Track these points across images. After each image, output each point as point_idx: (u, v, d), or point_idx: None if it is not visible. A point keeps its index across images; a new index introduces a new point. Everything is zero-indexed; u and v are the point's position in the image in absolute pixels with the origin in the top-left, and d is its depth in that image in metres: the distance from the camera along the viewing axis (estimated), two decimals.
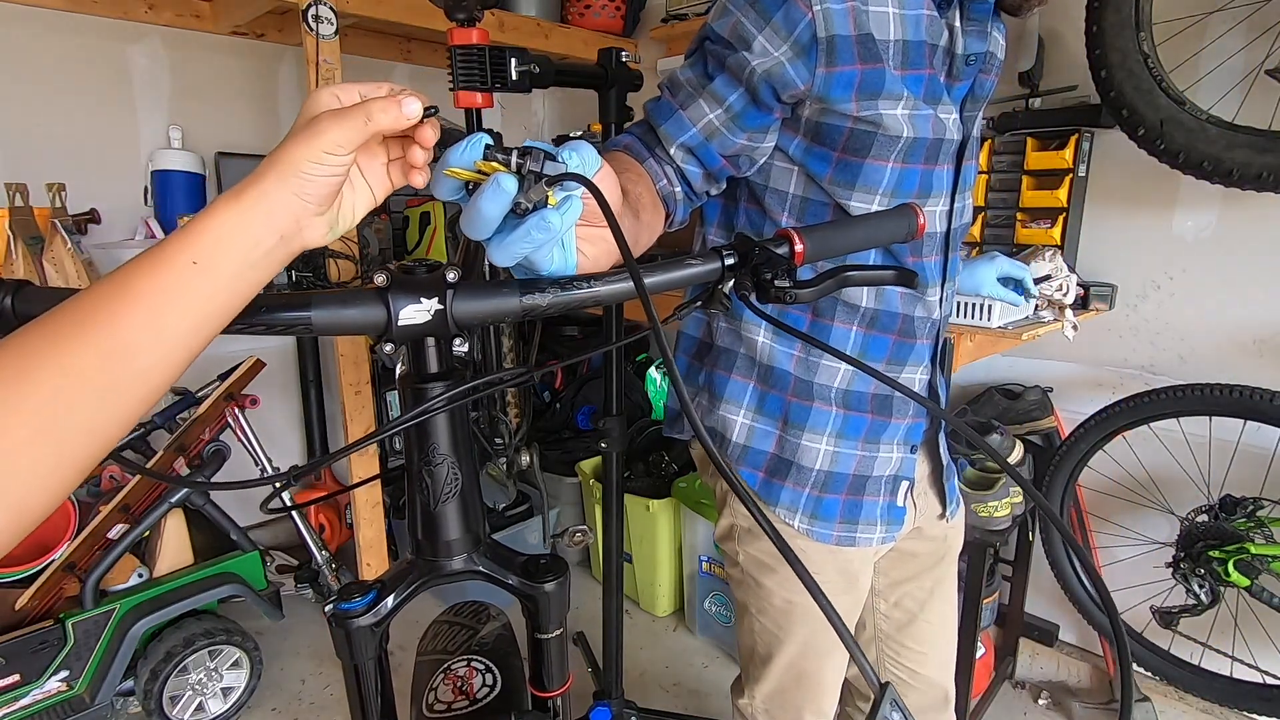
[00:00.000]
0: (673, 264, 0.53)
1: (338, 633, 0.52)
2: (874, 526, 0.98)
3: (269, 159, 0.45)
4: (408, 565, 0.54)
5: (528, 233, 0.47)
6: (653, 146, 0.83)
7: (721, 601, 2.16)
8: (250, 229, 0.43)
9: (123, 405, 0.40)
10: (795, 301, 0.53)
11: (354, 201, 0.52)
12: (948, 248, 0.93)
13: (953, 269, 0.95)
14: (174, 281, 0.40)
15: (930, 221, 0.89)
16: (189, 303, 0.41)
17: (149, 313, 0.40)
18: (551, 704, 0.59)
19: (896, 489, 0.99)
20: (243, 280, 0.43)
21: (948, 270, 0.94)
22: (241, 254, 0.43)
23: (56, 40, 2.08)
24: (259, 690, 2.00)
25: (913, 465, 1.00)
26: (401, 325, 0.46)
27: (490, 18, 2.22)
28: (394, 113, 0.47)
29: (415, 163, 0.52)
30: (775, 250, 0.54)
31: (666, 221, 0.83)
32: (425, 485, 0.52)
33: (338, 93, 0.49)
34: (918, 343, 0.94)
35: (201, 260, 0.41)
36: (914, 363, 0.96)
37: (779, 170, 0.88)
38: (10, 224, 1.72)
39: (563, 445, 2.65)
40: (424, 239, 2.41)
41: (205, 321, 0.42)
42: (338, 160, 0.45)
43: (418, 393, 0.50)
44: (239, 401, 2.00)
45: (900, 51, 0.79)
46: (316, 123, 0.45)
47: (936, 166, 0.86)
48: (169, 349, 0.40)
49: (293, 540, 2.42)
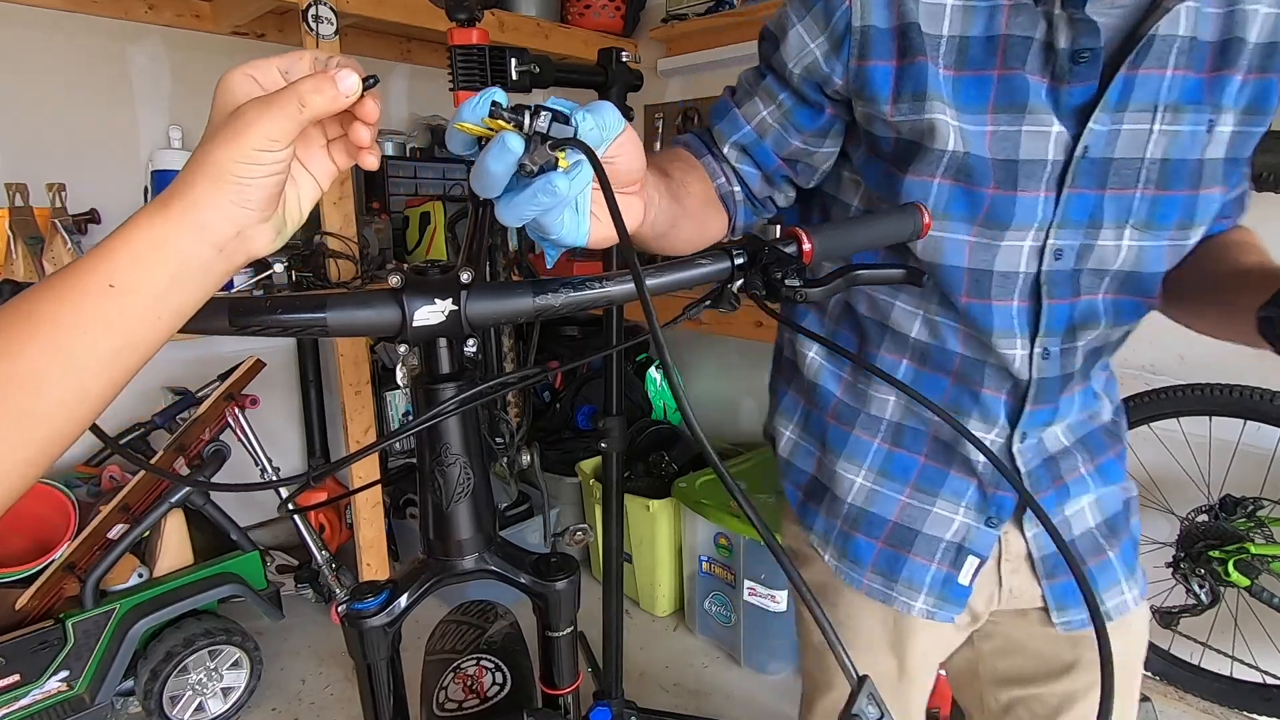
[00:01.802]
0: (682, 263, 0.53)
1: (351, 633, 0.52)
2: (917, 594, 0.82)
3: (194, 160, 0.40)
4: (420, 565, 0.54)
5: (534, 195, 0.45)
6: (710, 145, 0.80)
7: (721, 601, 2.17)
8: (178, 245, 0.38)
9: (32, 439, 0.35)
10: (804, 300, 0.53)
11: (299, 196, 0.46)
12: (1039, 294, 0.72)
13: (1056, 320, 0.74)
14: (85, 308, 0.36)
15: (1004, 258, 0.71)
16: (104, 329, 0.36)
17: (53, 342, 0.35)
18: (562, 701, 0.60)
19: (960, 562, 0.81)
20: (172, 300, 0.39)
21: (1043, 321, 0.73)
22: (168, 273, 0.38)
23: (56, 40, 2.08)
24: (259, 690, 2.00)
25: (989, 541, 0.81)
26: (416, 326, 0.46)
27: (490, 18, 2.22)
28: (329, 92, 0.40)
29: (361, 142, 0.46)
30: (784, 249, 0.54)
31: (729, 225, 0.80)
32: (437, 485, 0.52)
33: (253, 73, 0.42)
34: (983, 392, 0.78)
35: (119, 282, 0.37)
36: (981, 416, 0.79)
37: (846, 181, 0.82)
38: (10, 224, 1.72)
39: (563, 445, 2.65)
40: (424, 239, 2.41)
41: (130, 346, 0.38)
42: (274, 157, 0.39)
43: (430, 393, 0.50)
44: (239, 401, 2.00)
45: (955, 48, 0.67)
46: (241, 115, 0.39)
47: (1018, 192, 0.68)
48: (87, 378, 0.36)
49: (293, 540, 2.42)
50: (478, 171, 0.46)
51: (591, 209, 0.52)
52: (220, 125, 0.40)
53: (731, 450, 2.60)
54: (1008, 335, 0.73)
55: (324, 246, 1.98)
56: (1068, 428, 0.82)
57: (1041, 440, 0.80)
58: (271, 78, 0.42)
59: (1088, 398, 0.84)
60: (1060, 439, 0.82)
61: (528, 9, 2.47)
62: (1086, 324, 0.75)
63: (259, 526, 2.52)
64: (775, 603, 2.01)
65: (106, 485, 2.04)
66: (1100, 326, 0.75)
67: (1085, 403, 0.83)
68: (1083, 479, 0.83)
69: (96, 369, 0.37)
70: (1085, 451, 0.83)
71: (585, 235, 0.51)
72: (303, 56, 0.43)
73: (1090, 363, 0.79)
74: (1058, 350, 0.75)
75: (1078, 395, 0.81)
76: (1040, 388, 0.76)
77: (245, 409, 2.03)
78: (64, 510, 1.85)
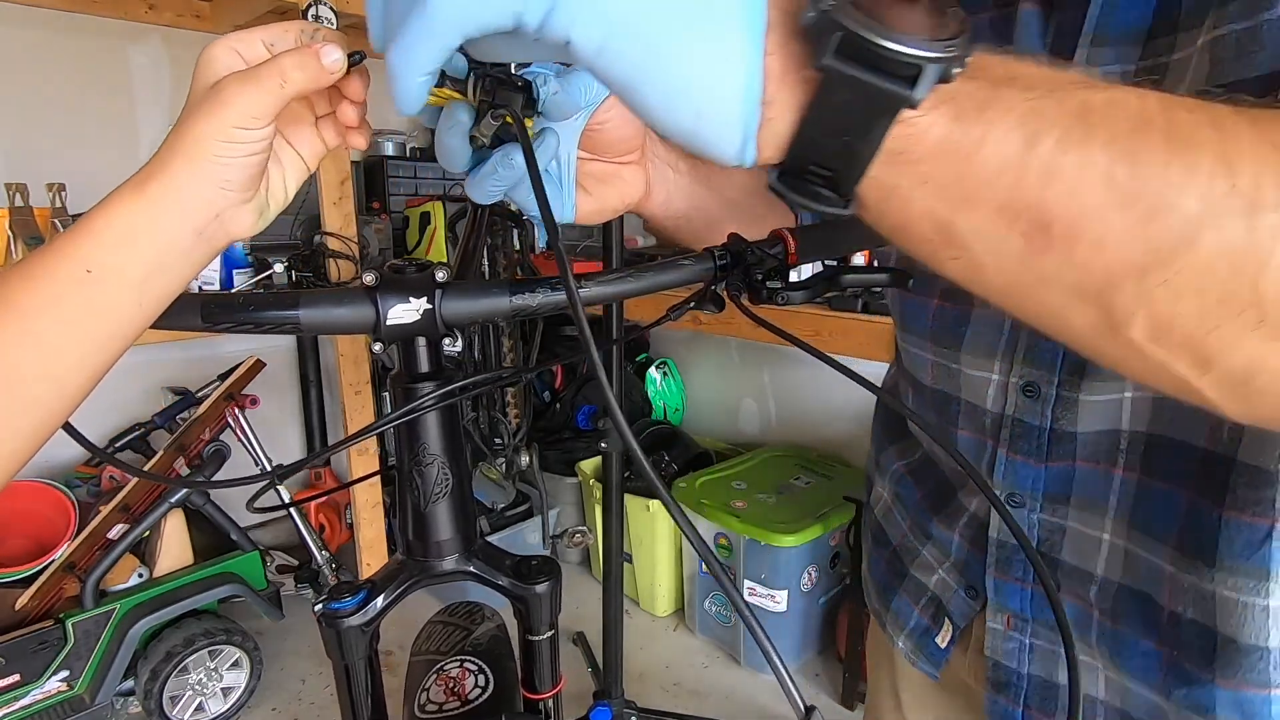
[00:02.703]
0: (665, 265, 0.52)
1: (328, 632, 0.52)
2: (899, 633, 0.73)
3: (172, 137, 0.37)
4: (398, 565, 0.54)
5: (493, 169, 0.43)
6: None
7: (721, 601, 2.16)
8: (160, 228, 0.36)
9: (7, 431, 0.33)
10: (787, 303, 0.53)
11: (283, 177, 0.44)
12: (999, 434, 0.58)
13: (1020, 477, 0.57)
14: (61, 294, 0.34)
15: (968, 387, 0.60)
16: (81, 318, 0.35)
17: (25, 331, 0.33)
18: (543, 706, 0.59)
19: (939, 621, 0.69)
20: (153, 286, 0.37)
21: (1000, 465, 0.58)
22: (150, 258, 0.36)
23: (56, 40, 2.08)
24: (259, 690, 2.00)
25: (966, 612, 0.66)
26: (390, 324, 0.46)
27: None
28: (312, 68, 0.38)
29: (349, 122, 0.44)
30: (769, 250, 0.54)
31: (796, 221, 0.75)
32: (416, 485, 0.52)
33: (236, 46, 0.39)
34: (958, 494, 0.66)
35: (97, 268, 0.35)
36: (949, 516, 0.66)
37: None
38: (10, 224, 1.72)
39: (563, 445, 2.65)
40: (424, 239, 2.41)
41: (109, 335, 0.36)
42: (254, 135, 0.37)
43: (407, 392, 0.50)
44: (239, 401, 2.00)
45: None
46: (220, 90, 0.37)
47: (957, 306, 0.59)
48: (62, 370, 0.35)
49: (293, 540, 2.43)
50: (437, 146, 0.44)
51: (580, 181, 0.49)
52: (199, 100, 0.37)
53: (731, 450, 2.59)
54: (981, 466, 0.61)
55: (324, 246, 1.98)
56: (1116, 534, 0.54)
57: (1047, 523, 0.58)
58: (255, 51, 0.40)
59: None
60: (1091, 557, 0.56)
61: None
62: (1034, 484, 0.58)
63: (259, 527, 2.53)
64: (775, 603, 2.00)
65: (106, 485, 2.04)
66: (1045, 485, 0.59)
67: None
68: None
69: (74, 360, 0.35)
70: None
71: (571, 211, 0.49)
72: (288, 29, 0.40)
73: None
74: (1032, 508, 0.57)
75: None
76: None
77: (245, 409, 2.03)
78: (64, 510, 1.85)
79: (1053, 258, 0.29)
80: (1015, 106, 0.29)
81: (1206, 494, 0.48)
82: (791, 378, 2.61)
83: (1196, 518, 0.49)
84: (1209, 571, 0.48)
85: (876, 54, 0.27)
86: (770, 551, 1.95)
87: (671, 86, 0.29)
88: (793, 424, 2.63)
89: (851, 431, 2.44)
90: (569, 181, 0.48)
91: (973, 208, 0.30)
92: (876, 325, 1.59)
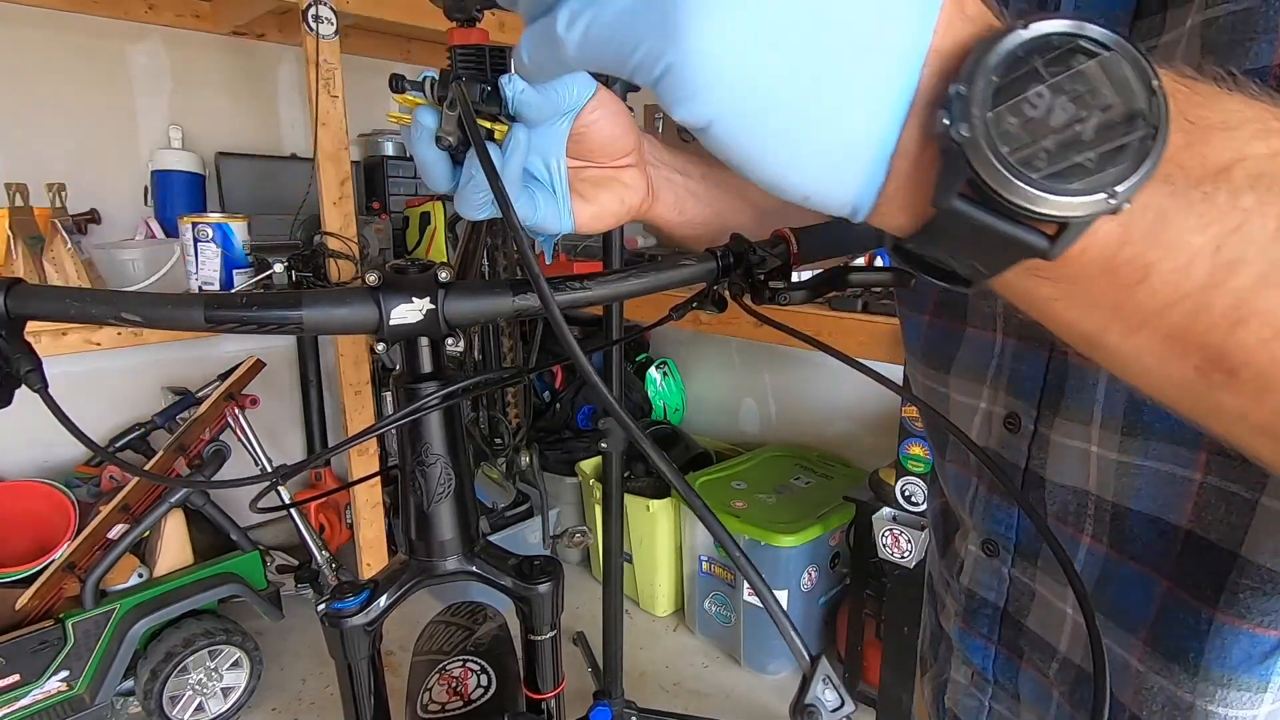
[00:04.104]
0: (666, 264, 0.52)
1: (330, 632, 0.52)
2: (924, 677, 0.68)
3: None
4: (401, 565, 0.54)
5: (470, 176, 0.41)
6: None
7: (721, 601, 2.16)
8: None
9: None
10: (790, 303, 0.53)
11: None
12: (981, 470, 0.54)
13: (996, 521, 0.53)
14: None
15: (955, 415, 0.54)
16: None
17: None
18: (545, 706, 0.59)
19: (947, 664, 0.62)
20: None
21: (979, 505, 0.54)
22: None
23: (56, 40, 2.08)
24: (259, 690, 2.00)
25: (946, 662, 0.61)
26: (393, 325, 0.46)
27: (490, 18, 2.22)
28: None
29: None
30: (771, 251, 0.54)
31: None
32: (418, 485, 0.52)
33: None
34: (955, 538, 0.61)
35: None
36: (949, 561, 0.61)
37: None
38: (10, 224, 1.72)
39: (563, 445, 2.65)
40: (424, 239, 2.41)
41: None
42: None
43: (409, 393, 0.50)
44: (239, 401, 2.00)
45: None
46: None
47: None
48: None
49: (293, 540, 2.43)
50: (417, 167, 0.42)
51: (576, 189, 0.48)
52: None
53: (731, 450, 2.59)
54: (976, 531, 0.55)
55: (324, 246, 1.98)
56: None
57: (1019, 581, 0.52)
58: None
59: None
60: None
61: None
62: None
63: (259, 526, 2.53)
64: None
65: (106, 485, 2.04)
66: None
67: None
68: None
69: None
70: None
71: (569, 219, 0.47)
72: None
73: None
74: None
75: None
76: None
77: (245, 409, 2.03)
78: (64, 510, 1.85)
79: (1234, 397, 0.24)
80: (1206, 224, 0.22)
81: (1190, 588, 0.41)
82: (791, 378, 2.61)
83: (1175, 614, 0.42)
84: (1188, 680, 0.41)
85: (1009, 207, 0.22)
86: (770, 551, 1.95)
87: (782, 168, 0.25)
88: (793, 424, 2.63)
89: (852, 431, 2.44)
90: (562, 188, 0.46)
91: (1131, 330, 0.25)
92: (877, 325, 1.59)
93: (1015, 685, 0.54)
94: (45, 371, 0.47)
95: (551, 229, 0.48)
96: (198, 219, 1.78)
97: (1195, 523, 0.40)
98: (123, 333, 1.62)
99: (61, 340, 1.57)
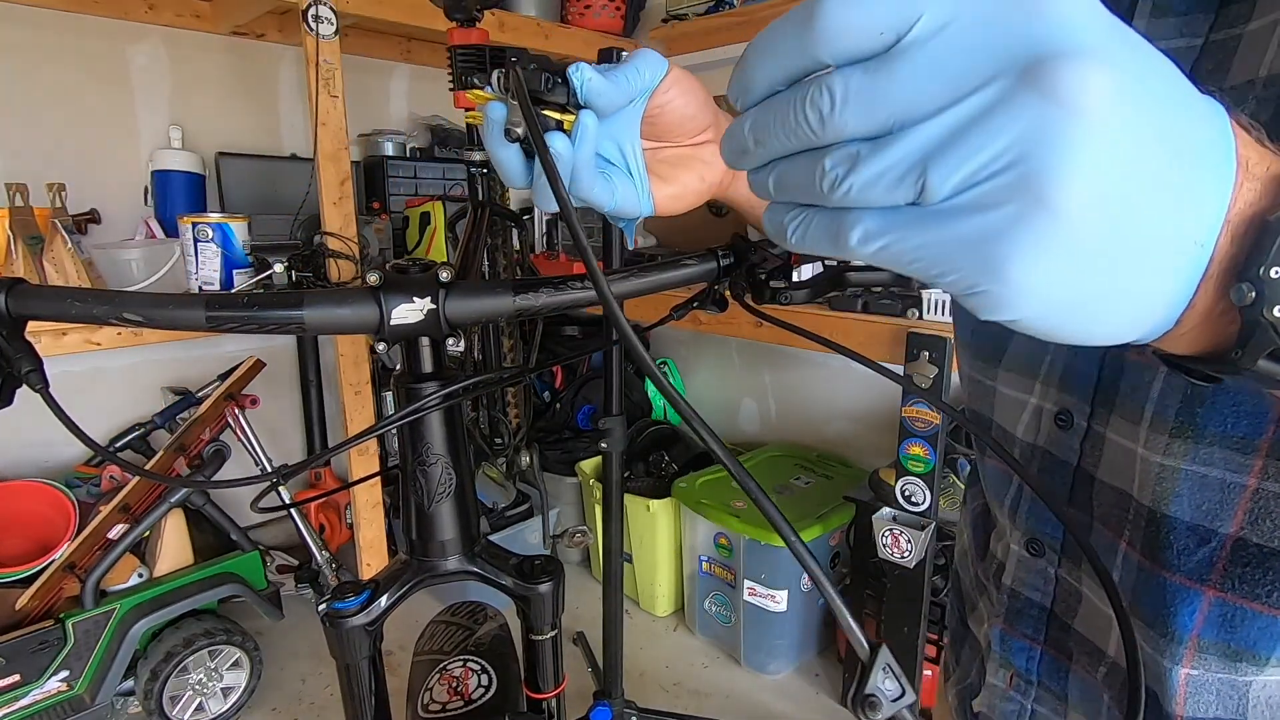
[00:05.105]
0: (667, 264, 0.53)
1: (331, 632, 0.52)
2: (948, 680, 0.68)
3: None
4: (402, 565, 0.54)
5: (541, 170, 0.40)
6: None
7: (721, 601, 2.16)
8: None
9: None
10: (790, 302, 0.53)
11: None
12: (1027, 468, 0.52)
13: (1042, 521, 0.52)
14: None
15: (1001, 410, 0.54)
16: None
17: None
18: (546, 706, 0.59)
19: (971, 668, 0.62)
20: None
21: (1024, 504, 0.53)
22: None
23: (56, 40, 2.08)
24: (259, 690, 2.00)
25: (971, 666, 0.61)
26: (394, 325, 0.46)
27: (490, 18, 2.22)
28: None
29: None
30: (772, 250, 0.54)
31: None
32: (419, 485, 0.52)
33: None
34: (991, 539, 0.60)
35: None
36: (987, 563, 0.60)
37: None
38: (10, 224, 1.72)
39: (563, 445, 2.65)
40: (424, 239, 2.40)
41: None
42: None
43: (411, 393, 0.50)
44: (239, 401, 2.00)
45: None
46: None
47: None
48: None
49: (293, 540, 2.43)
50: (495, 167, 0.42)
51: (654, 170, 0.47)
52: None
53: (731, 450, 2.59)
54: (1012, 527, 0.55)
55: (324, 246, 1.98)
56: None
57: (1065, 583, 0.51)
58: None
59: None
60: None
61: (528, 9, 2.46)
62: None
63: (259, 526, 2.53)
64: (775, 603, 2.00)
65: (106, 485, 2.04)
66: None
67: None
68: None
69: None
70: None
71: (648, 202, 0.47)
72: None
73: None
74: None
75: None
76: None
77: (245, 409, 2.03)
78: (64, 510, 1.85)
79: None
80: None
81: (1246, 595, 0.40)
82: (791, 378, 2.61)
83: (1229, 620, 0.41)
84: (1255, 671, 0.41)
85: None
86: (770, 551, 1.95)
87: (1079, 336, 0.25)
88: (793, 424, 2.63)
89: (852, 431, 2.44)
90: (639, 171, 0.45)
91: None
92: (877, 325, 1.59)
93: (1064, 687, 0.53)
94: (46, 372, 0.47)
95: (631, 212, 0.47)
96: (198, 219, 1.78)
97: (1250, 529, 0.39)
98: (122, 333, 1.61)
99: (61, 340, 1.57)
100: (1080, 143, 0.21)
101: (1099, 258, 0.23)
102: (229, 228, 1.81)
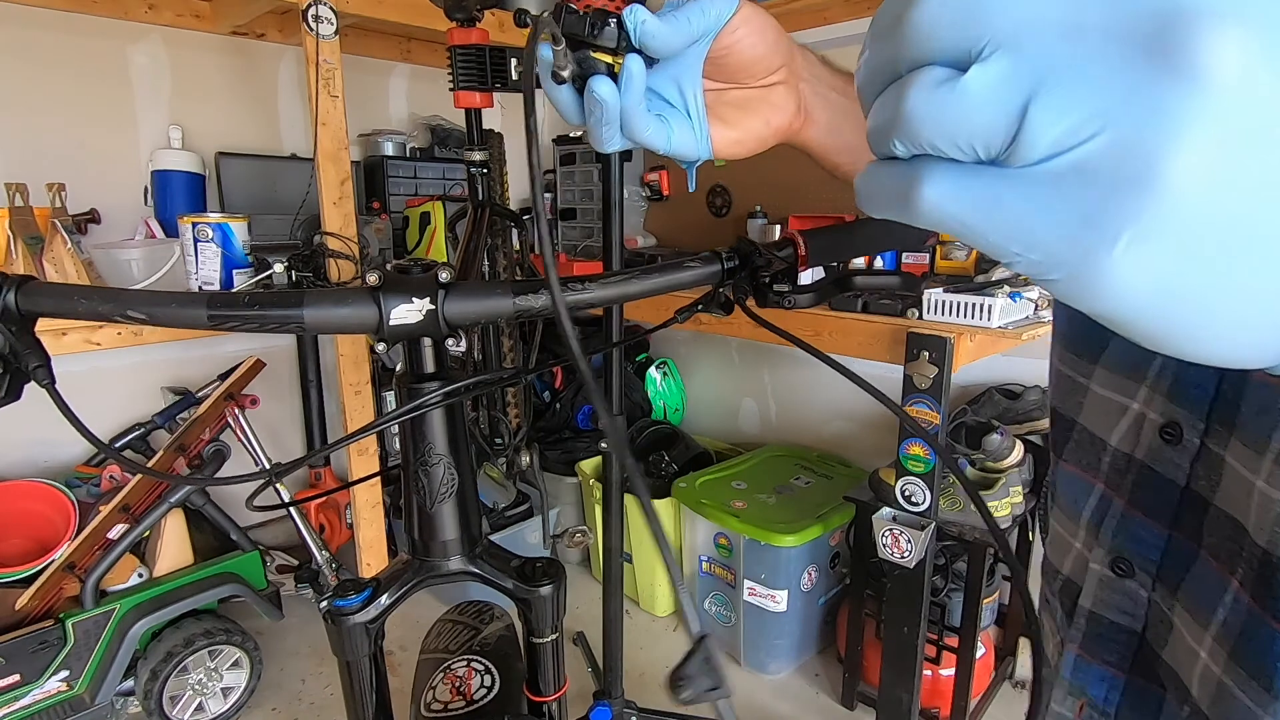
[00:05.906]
0: (670, 266, 0.52)
1: (333, 630, 0.52)
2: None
3: None
4: (404, 564, 0.54)
5: (590, 111, 0.39)
6: None
7: (721, 601, 2.16)
8: None
9: None
10: (794, 306, 0.53)
11: None
12: (1121, 481, 0.47)
13: (1137, 539, 0.46)
14: None
15: (1092, 412, 0.49)
16: None
17: None
18: (547, 708, 0.59)
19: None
20: None
21: (1112, 520, 0.47)
22: None
23: (56, 40, 2.08)
24: (259, 690, 2.00)
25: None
26: (393, 325, 0.46)
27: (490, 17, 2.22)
28: None
29: None
30: (777, 254, 0.54)
31: None
32: (421, 485, 0.52)
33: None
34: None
35: None
36: (1050, 578, 0.56)
37: None
38: (10, 224, 1.72)
39: (563, 445, 2.65)
40: (424, 239, 2.40)
41: None
42: None
43: (411, 392, 0.50)
44: (239, 401, 2.00)
45: None
46: None
47: None
48: None
49: (293, 540, 2.43)
50: (554, 104, 0.40)
51: (717, 112, 0.45)
52: None
53: (731, 450, 2.59)
54: (1086, 537, 0.50)
55: (324, 246, 1.98)
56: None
57: (1158, 609, 0.46)
58: None
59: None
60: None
61: (528, 9, 2.46)
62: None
63: (259, 526, 2.53)
64: (775, 603, 2.00)
65: (106, 485, 2.04)
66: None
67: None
68: None
69: None
70: None
71: (706, 145, 0.44)
72: None
73: None
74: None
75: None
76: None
77: (245, 409, 2.03)
78: (64, 510, 1.85)
79: None
80: None
81: None
82: (791, 378, 2.61)
83: None
84: None
85: None
86: (770, 551, 1.95)
87: (1192, 344, 0.22)
88: (793, 424, 2.63)
89: (851, 431, 2.44)
90: (698, 113, 0.43)
91: None
92: (877, 325, 1.59)
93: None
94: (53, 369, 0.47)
95: (689, 155, 0.44)
96: (198, 219, 1.78)
97: None
98: (123, 332, 1.61)
99: (61, 340, 1.57)
100: (1202, 117, 0.18)
101: (1215, 249, 0.19)
102: (229, 228, 1.81)
